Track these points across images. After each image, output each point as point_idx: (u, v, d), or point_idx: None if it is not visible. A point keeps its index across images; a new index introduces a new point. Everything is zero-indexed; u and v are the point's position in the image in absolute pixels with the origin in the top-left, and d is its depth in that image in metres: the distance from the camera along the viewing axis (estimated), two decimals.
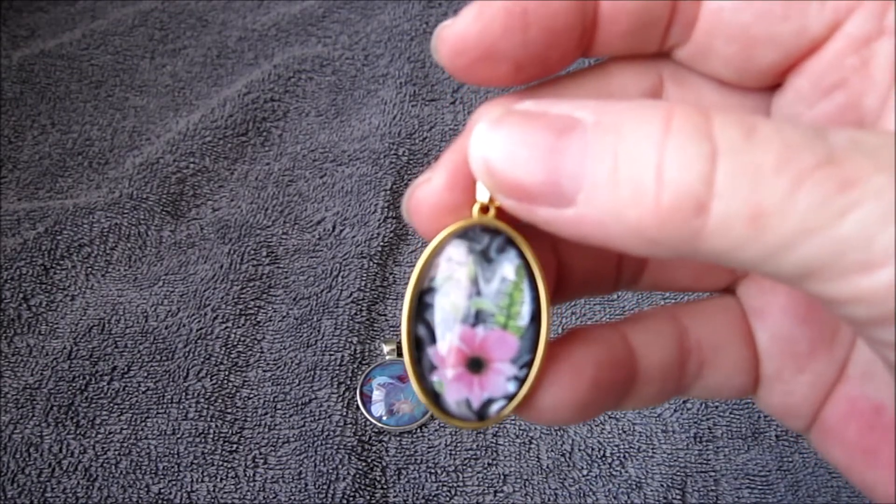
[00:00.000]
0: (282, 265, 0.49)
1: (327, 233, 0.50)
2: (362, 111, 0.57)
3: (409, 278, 0.49)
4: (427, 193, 0.17)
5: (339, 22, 0.63)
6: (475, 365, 0.17)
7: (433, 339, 0.17)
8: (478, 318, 0.17)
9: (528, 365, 0.17)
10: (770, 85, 0.18)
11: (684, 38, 0.18)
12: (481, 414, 0.17)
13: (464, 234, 0.17)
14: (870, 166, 0.13)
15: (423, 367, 0.17)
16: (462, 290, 0.17)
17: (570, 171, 0.14)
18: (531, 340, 0.17)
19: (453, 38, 0.17)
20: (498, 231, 0.17)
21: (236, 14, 0.64)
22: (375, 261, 0.49)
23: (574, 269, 0.20)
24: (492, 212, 0.17)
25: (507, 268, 0.17)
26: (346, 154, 0.54)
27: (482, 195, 0.17)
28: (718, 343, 0.19)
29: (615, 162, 0.14)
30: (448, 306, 0.17)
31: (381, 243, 0.49)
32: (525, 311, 0.17)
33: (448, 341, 0.17)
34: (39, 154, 0.54)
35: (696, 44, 0.18)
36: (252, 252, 0.49)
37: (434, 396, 0.17)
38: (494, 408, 0.17)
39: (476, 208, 0.17)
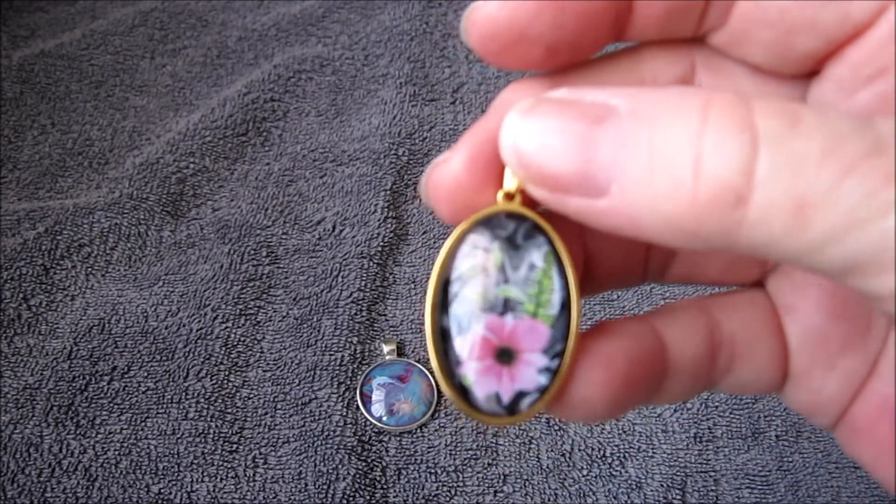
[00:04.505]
0: (282, 265, 0.49)
1: (327, 233, 0.50)
2: (362, 111, 0.57)
3: (408, 278, 0.49)
4: (446, 174, 0.17)
5: (339, 22, 0.63)
6: (504, 356, 0.16)
7: (460, 331, 0.16)
8: (506, 306, 0.16)
9: (560, 355, 0.16)
10: (807, 72, 0.17)
11: (720, 23, 0.17)
12: (512, 408, 0.16)
13: (487, 222, 0.16)
14: None
15: (449, 361, 0.16)
16: (489, 278, 0.16)
17: (604, 161, 0.14)
18: (562, 330, 0.16)
19: (484, 20, 0.16)
20: (524, 217, 0.16)
21: (236, 14, 0.64)
22: (375, 261, 0.49)
23: (602, 260, 0.19)
24: (517, 199, 0.16)
25: (535, 254, 0.16)
26: (346, 154, 0.54)
27: (509, 183, 0.16)
28: (750, 337, 0.19)
29: (651, 154, 0.14)
30: (474, 295, 0.16)
31: (381, 243, 0.49)
32: (555, 298, 0.16)
33: (476, 331, 0.16)
34: (39, 154, 0.54)
35: (732, 28, 0.17)
36: (252, 252, 0.49)
37: (462, 391, 0.16)
38: (526, 402, 0.16)
39: (500, 195, 0.16)
